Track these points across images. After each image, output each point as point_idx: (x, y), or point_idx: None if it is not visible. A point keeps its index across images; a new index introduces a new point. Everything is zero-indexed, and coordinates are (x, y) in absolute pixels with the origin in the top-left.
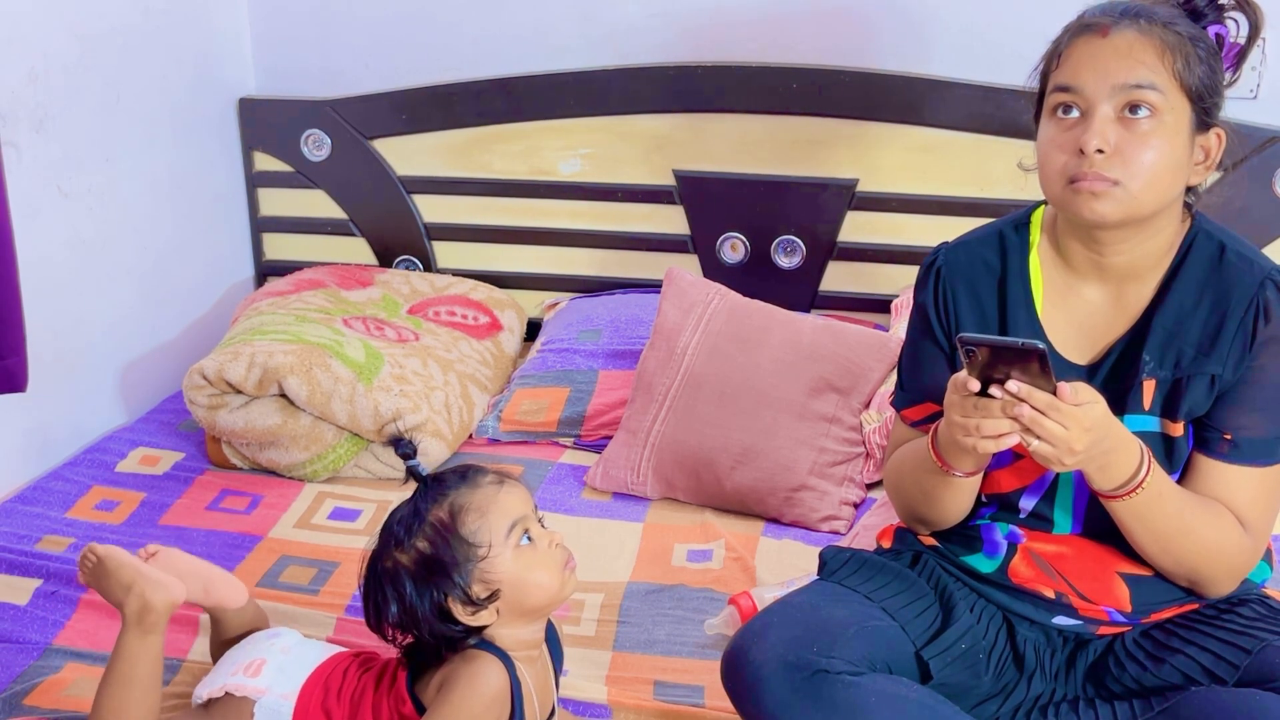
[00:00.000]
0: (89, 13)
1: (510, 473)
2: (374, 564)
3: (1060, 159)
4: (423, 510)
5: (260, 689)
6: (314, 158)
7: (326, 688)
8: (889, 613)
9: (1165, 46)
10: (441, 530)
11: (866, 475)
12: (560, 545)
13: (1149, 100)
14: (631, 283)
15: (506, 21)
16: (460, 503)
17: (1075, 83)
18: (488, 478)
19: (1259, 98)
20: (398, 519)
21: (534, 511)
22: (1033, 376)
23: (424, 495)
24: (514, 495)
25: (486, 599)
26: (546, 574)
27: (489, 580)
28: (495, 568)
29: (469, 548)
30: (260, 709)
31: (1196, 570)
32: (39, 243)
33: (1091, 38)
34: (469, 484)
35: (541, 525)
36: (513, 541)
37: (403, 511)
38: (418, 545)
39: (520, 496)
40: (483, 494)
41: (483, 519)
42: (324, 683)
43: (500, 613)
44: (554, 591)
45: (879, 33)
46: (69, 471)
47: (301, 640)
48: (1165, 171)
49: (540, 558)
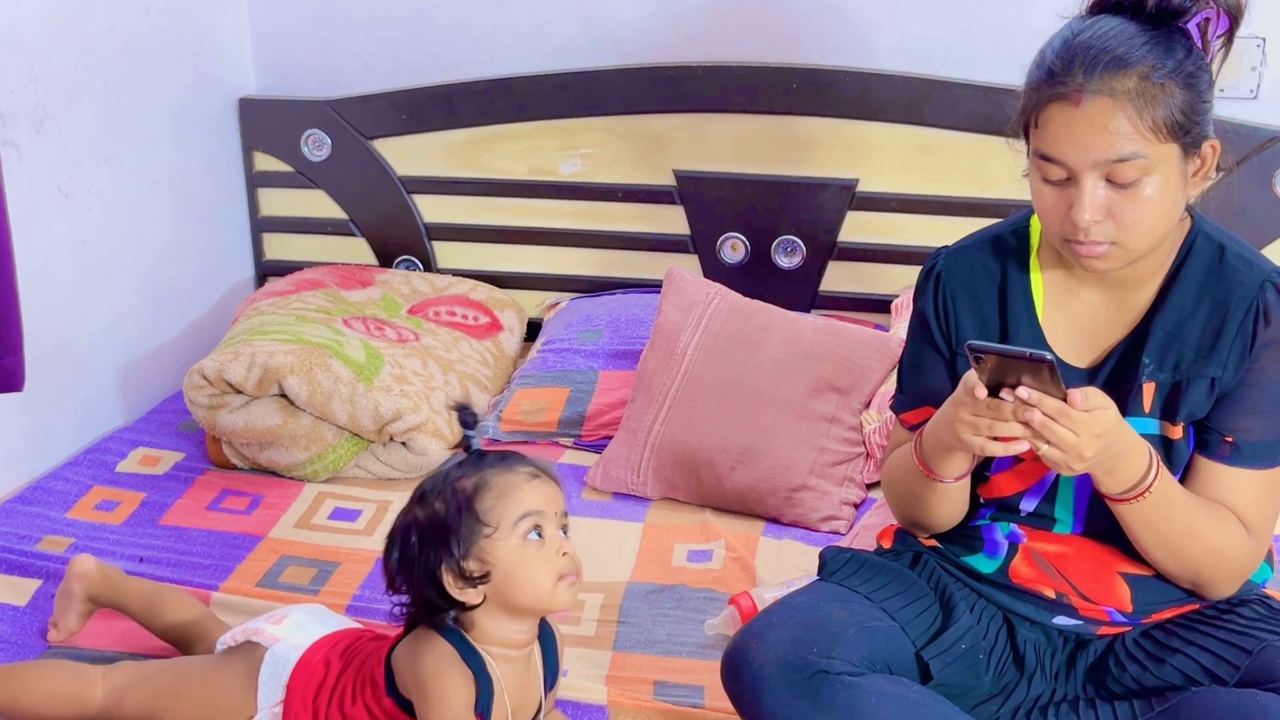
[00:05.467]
0: (89, 13)
1: (552, 472)
2: (403, 512)
3: (1054, 218)
4: (454, 476)
5: (277, 637)
6: (314, 158)
7: (334, 644)
8: (889, 613)
9: (1142, 103)
10: (460, 499)
11: (866, 475)
12: (569, 555)
13: (1134, 166)
14: (631, 283)
15: (506, 21)
16: (487, 480)
17: (1057, 155)
18: (525, 466)
19: (1259, 98)
20: (432, 478)
21: (558, 514)
22: (1043, 383)
23: (463, 464)
24: (541, 491)
25: (478, 578)
26: (541, 574)
27: (485, 560)
28: (494, 550)
29: (477, 523)
30: (271, 655)
31: (1200, 573)
32: (39, 243)
33: (1065, 106)
34: (504, 466)
35: (564, 531)
36: (520, 531)
37: (439, 472)
38: (435, 505)
39: (547, 494)
40: (510, 479)
41: (499, 501)
42: (333, 641)
43: (487, 597)
44: (542, 594)
45: (878, 32)
46: (69, 471)
47: (328, 611)
48: (1161, 219)
49: (541, 558)
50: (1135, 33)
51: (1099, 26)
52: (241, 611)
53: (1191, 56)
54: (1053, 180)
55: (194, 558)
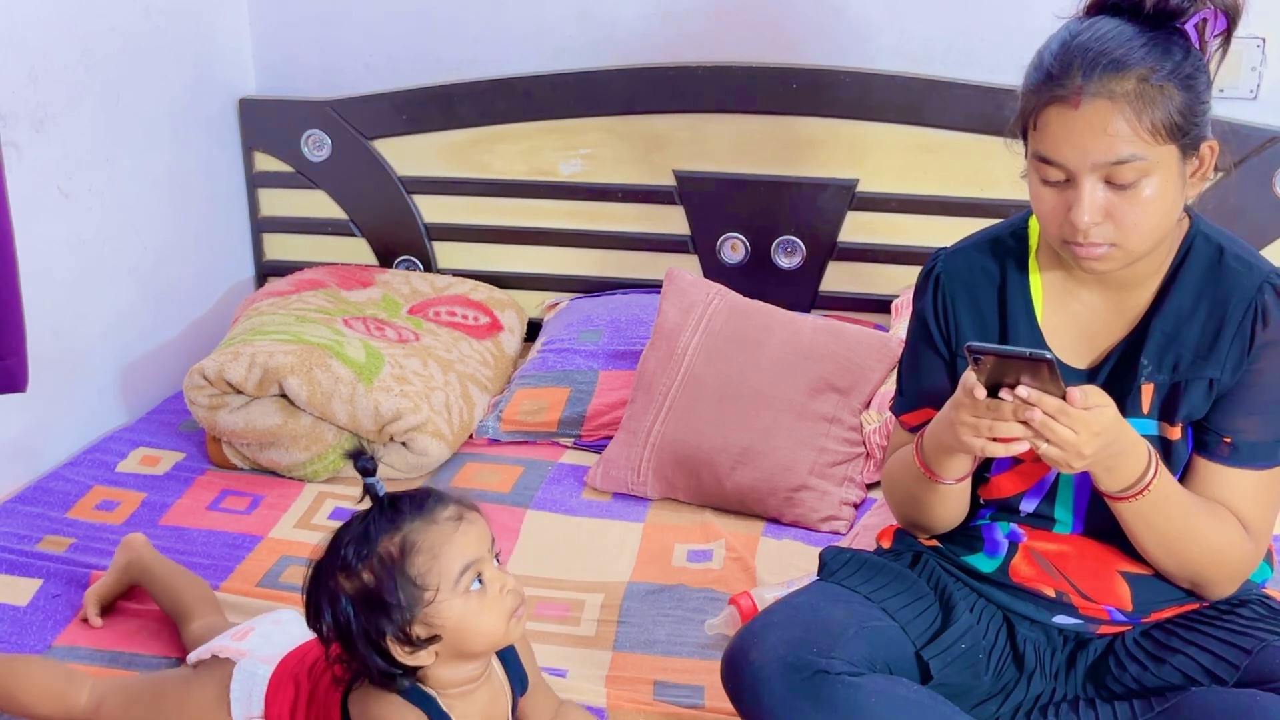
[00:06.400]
0: (89, 13)
1: (470, 503)
2: (318, 574)
3: (1053, 220)
4: (374, 536)
5: (242, 651)
6: (314, 158)
7: (301, 659)
8: (889, 613)
9: (1140, 105)
10: (389, 566)
11: (866, 475)
12: (511, 590)
13: (1133, 167)
14: (631, 283)
15: (506, 21)
16: (413, 539)
17: (1056, 157)
18: (446, 511)
19: (1259, 98)
20: (348, 538)
21: (490, 549)
22: (1042, 382)
23: (378, 519)
24: (471, 534)
25: (426, 640)
26: (492, 621)
27: (431, 624)
28: (440, 613)
29: (415, 590)
30: (239, 670)
31: (1199, 573)
32: (39, 243)
33: (1063, 109)
34: (425, 516)
35: (496, 561)
36: (462, 586)
37: (354, 531)
38: (363, 575)
39: (477, 535)
40: (438, 532)
41: (434, 561)
42: (300, 655)
43: (439, 654)
44: (497, 638)
45: (878, 32)
46: (69, 471)
47: (298, 618)
48: (1161, 219)
49: (488, 604)
50: (1133, 34)
51: (1097, 28)
52: (242, 611)
53: (1189, 58)
54: (1052, 182)
55: (194, 558)
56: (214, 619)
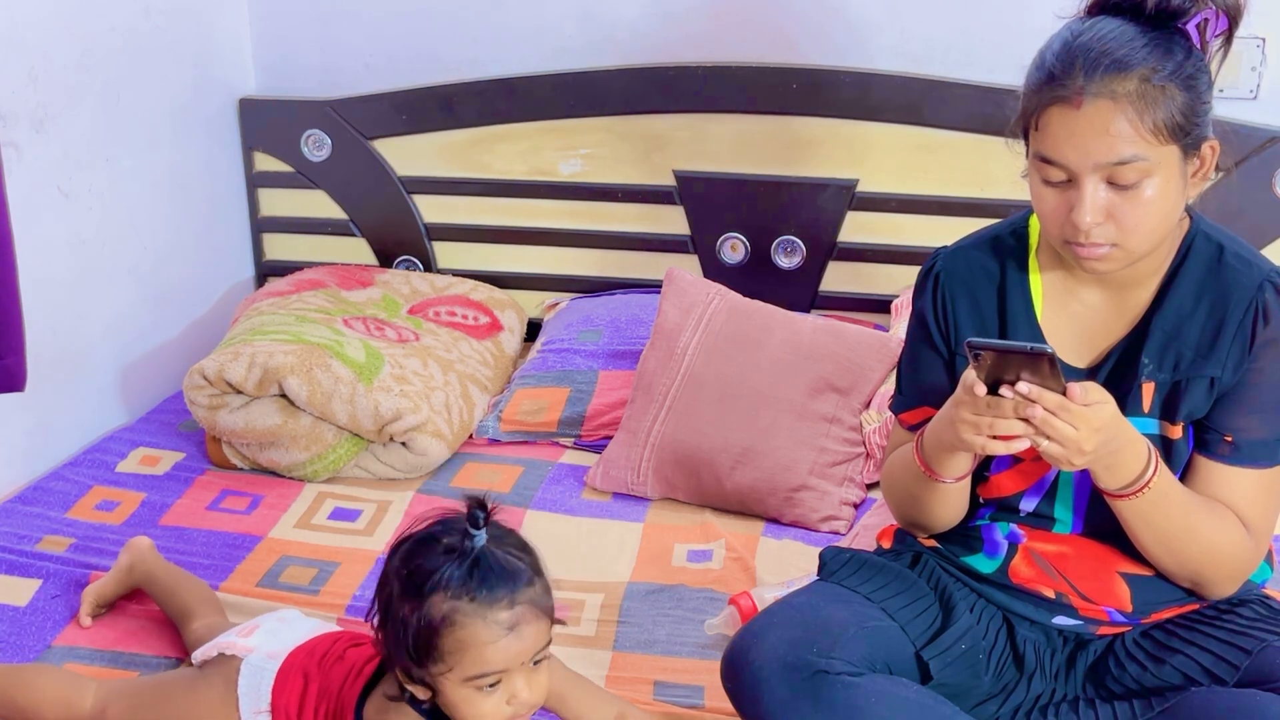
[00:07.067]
0: (89, 13)
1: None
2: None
3: (1055, 220)
4: (436, 581)
5: (249, 647)
6: (314, 158)
7: (309, 653)
8: (889, 613)
9: (1142, 105)
10: (424, 622)
11: (866, 475)
12: (520, 703)
13: (1135, 168)
14: (631, 283)
15: (506, 21)
16: (456, 619)
17: (1057, 158)
18: (508, 612)
19: (1259, 98)
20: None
21: (529, 660)
22: (1043, 378)
23: (455, 569)
24: (512, 649)
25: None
26: (485, 717)
27: (431, 685)
28: (442, 685)
29: (433, 656)
30: (246, 666)
31: (1199, 572)
32: (39, 243)
33: (1065, 109)
34: (487, 602)
35: (534, 663)
36: (474, 684)
37: (429, 560)
38: (403, 610)
39: (519, 650)
40: (483, 629)
41: (462, 653)
42: (309, 649)
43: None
44: None
45: (878, 32)
46: (69, 471)
47: (302, 615)
48: (1162, 220)
49: (490, 704)
50: (1135, 35)
51: (1098, 28)
52: (242, 611)
53: (1191, 58)
54: (1053, 182)
55: (194, 558)
56: (216, 619)
